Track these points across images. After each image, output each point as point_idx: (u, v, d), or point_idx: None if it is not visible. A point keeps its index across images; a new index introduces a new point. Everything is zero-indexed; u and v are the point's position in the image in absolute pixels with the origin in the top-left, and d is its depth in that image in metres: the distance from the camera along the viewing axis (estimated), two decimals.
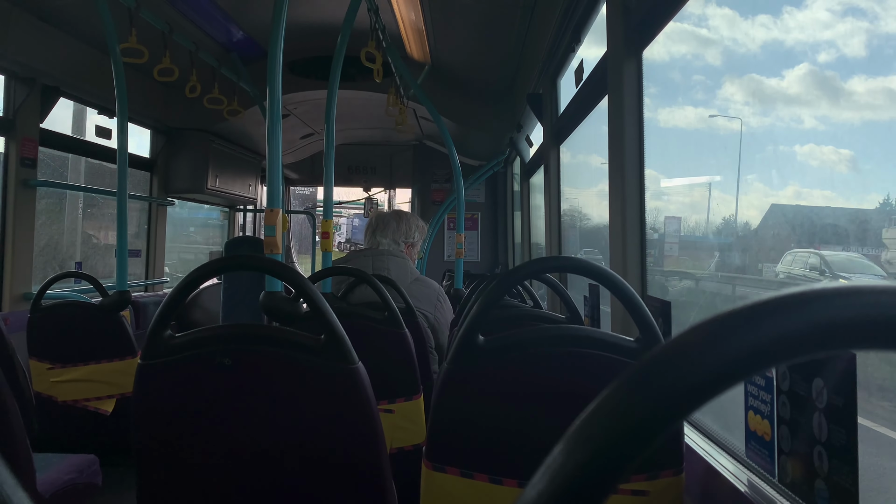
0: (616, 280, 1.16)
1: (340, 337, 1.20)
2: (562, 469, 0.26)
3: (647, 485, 1.08)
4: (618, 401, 0.27)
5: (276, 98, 2.04)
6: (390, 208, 7.11)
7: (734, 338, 0.27)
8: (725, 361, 0.27)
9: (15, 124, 3.41)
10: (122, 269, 3.13)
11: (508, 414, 1.15)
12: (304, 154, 6.98)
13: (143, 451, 1.24)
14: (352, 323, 1.72)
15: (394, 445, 1.96)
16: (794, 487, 0.96)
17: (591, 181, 3.70)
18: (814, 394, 0.90)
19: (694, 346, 0.27)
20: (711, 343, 0.27)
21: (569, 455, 0.26)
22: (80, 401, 2.94)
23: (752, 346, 0.27)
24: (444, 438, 1.16)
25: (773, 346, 0.27)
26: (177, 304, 1.24)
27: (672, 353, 0.27)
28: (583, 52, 2.88)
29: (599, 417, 0.27)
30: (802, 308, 0.27)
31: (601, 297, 2.42)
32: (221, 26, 4.04)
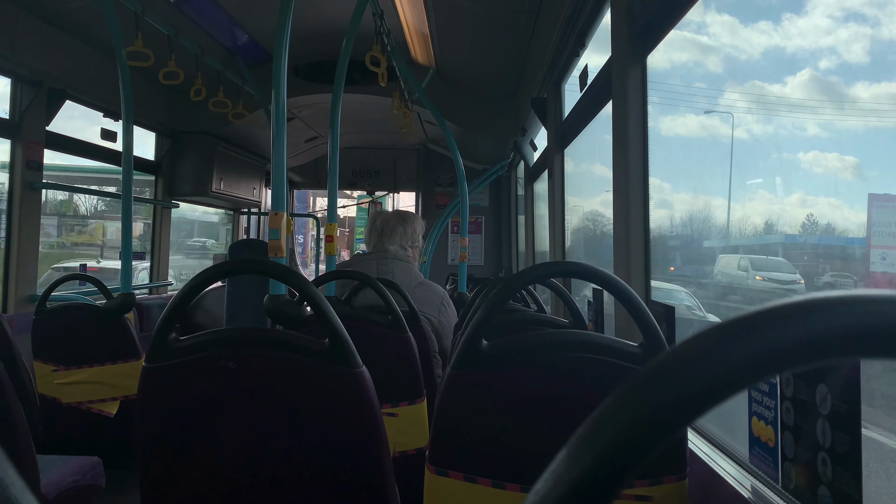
0: (620, 285, 1.16)
1: (344, 340, 1.21)
2: (565, 475, 0.26)
3: (650, 490, 1.08)
4: (621, 407, 0.27)
5: (280, 101, 2.04)
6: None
7: (738, 346, 0.27)
8: (729, 369, 0.27)
9: (21, 127, 3.42)
10: (127, 272, 3.14)
11: (511, 418, 1.15)
12: (308, 157, 7.00)
13: (146, 453, 1.25)
14: (355, 326, 1.72)
15: (397, 449, 1.96)
16: (797, 494, 0.96)
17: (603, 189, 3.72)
18: (818, 400, 0.90)
19: (697, 354, 0.27)
20: (715, 351, 0.27)
21: (572, 461, 0.26)
22: (84, 403, 2.95)
23: (755, 355, 0.27)
24: (447, 443, 1.16)
25: (777, 355, 0.27)
26: (181, 307, 1.25)
27: (676, 360, 0.27)
28: (587, 57, 2.89)
29: (603, 423, 0.27)
30: (805, 317, 0.27)
31: (605, 302, 2.42)
32: (227, 30, 4.05)
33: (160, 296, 5.03)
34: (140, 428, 1.24)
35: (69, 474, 2.05)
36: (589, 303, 2.50)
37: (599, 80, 2.46)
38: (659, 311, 1.58)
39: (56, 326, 2.94)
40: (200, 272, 1.27)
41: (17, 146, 3.43)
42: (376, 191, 7.76)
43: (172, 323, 1.23)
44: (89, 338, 2.93)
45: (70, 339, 2.93)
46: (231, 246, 5.24)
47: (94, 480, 2.15)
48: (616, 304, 2.01)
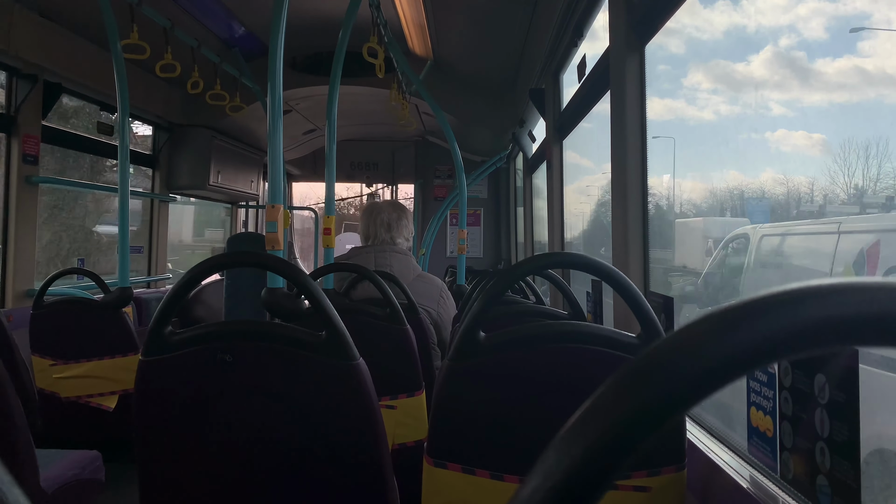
0: (618, 276, 1.16)
1: (341, 333, 1.20)
2: (556, 465, 0.26)
3: (648, 480, 1.08)
4: (613, 397, 0.27)
5: (277, 94, 2.03)
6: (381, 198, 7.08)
7: (731, 335, 0.27)
8: (722, 358, 0.26)
9: (17, 121, 3.41)
10: (124, 266, 3.13)
11: (510, 410, 1.15)
12: (306, 150, 6.98)
13: (144, 446, 1.25)
14: (353, 319, 1.72)
15: (396, 441, 1.96)
16: (796, 483, 0.96)
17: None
18: (816, 390, 0.90)
19: (689, 343, 0.27)
20: (708, 340, 0.27)
21: (563, 451, 0.26)
22: (83, 397, 2.95)
23: (749, 344, 0.26)
24: (445, 434, 1.16)
25: (772, 343, 0.26)
26: (178, 300, 1.24)
27: (667, 350, 0.27)
28: (585, 47, 2.87)
29: (594, 414, 0.26)
30: (801, 304, 0.27)
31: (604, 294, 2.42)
32: (223, 22, 4.03)
33: (158, 289, 5.03)
34: (138, 421, 1.24)
35: (68, 468, 2.05)
36: (588, 294, 2.50)
37: (598, 70, 2.45)
38: (657, 302, 1.58)
39: (54, 321, 2.94)
40: (196, 265, 1.26)
41: (13, 140, 3.42)
42: (374, 183, 7.75)
43: (169, 316, 1.23)
44: (87, 332, 2.93)
45: (68, 333, 2.93)
46: (229, 239, 5.23)
47: (94, 474, 2.15)
48: (615, 296, 2.01)
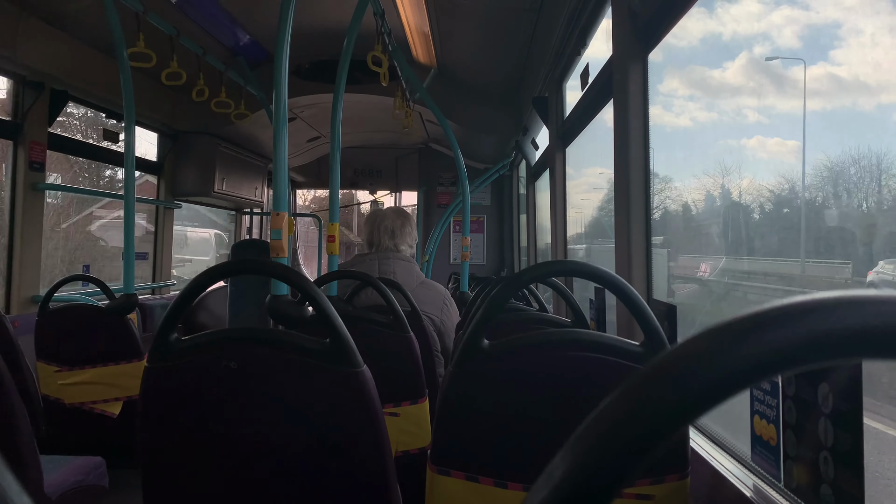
0: (621, 284, 1.16)
1: (345, 340, 1.20)
2: (564, 475, 0.26)
3: (652, 489, 1.08)
4: (621, 407, 0.27)
5: (281, 102, 2.04)
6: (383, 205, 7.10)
7: (739, 346, 0.27)
8: (729, 370, 0.27)
9: (23, 128, 3.43)
10: (129, 272, 3.14)
11: (513, 417, 1.15)
12: (310, 157, 7.00)
13: (148, 453, 1.25)
14: (357, 326, 1.72)
15: (399, 449, 1.96)
16: (799, 492, 0.96)
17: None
18: (819, 399, 0.90)
19: (697, 354, 0.27)
20: (716, 351, 0.27)
21: (571, 461, 0.26)
22: (87, 403, 2.95)
23: (756, 356, 0.27)
24: (448, 442, 1.16)
25: (777, 356, 0.27)
26: (183, 307, 1.25)
27: (675, 360, 0.27)
28: (588, 56, 2.88)
29: (602, 424, 0.27)
30: (805, 318, 0.27)
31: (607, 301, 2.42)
32: (228, 30, 4.05)
33: (163, 296, 5.04)
34: (142, 427, 1.24)
35: (72, 474, 2.05)
36: (591, 301, 2.50)
37: (601, 79, 2.46)
38: (660, 310, 1.58)
39: (59, 327, 2.95)
40: (201, 272, 1.27)
41: (19, 147, 3.44)
42: (378, 190, 7.76)
43: (174, 323, 1.23)
44: (92, 338, 2.94)
45: (73, 339, 2.94)
46: (233, 246, 5.24)
47: (98, 480, 2.16)
48: (618, 303, 2.01)
